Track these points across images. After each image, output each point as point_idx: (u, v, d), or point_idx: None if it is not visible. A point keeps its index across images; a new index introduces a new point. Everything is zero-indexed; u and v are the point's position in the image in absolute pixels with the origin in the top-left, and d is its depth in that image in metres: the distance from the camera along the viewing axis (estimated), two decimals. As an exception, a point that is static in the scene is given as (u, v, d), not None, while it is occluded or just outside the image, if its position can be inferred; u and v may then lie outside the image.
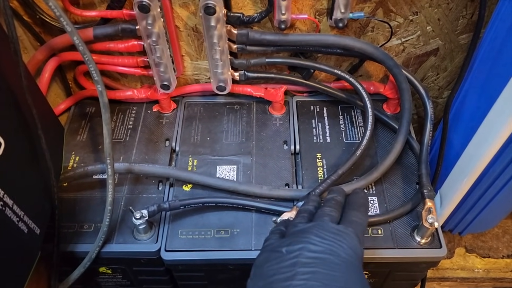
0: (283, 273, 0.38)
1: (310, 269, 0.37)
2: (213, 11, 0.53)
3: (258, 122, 0.68)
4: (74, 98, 0.69)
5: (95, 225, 0.56)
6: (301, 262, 0.38)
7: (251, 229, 0.56)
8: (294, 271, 0.38)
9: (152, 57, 0.59)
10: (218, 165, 0.62)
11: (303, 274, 0.37)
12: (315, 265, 0.38)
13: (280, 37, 0.58)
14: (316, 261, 0.38)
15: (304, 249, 0.39)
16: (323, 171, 0.61)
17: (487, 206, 0.63)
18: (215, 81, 0.63)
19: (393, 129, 0.65)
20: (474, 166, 0.49)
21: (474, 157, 0.49)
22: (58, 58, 0.61)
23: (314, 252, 0.39)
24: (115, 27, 0.57)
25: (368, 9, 0.58)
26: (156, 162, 0.63)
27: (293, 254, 0.39)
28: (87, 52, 0.45)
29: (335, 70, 0.62)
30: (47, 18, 0.58)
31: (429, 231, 0.53)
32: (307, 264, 0.38)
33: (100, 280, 0.62)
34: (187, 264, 0.56)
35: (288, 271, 0.38)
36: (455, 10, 0.59)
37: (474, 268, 0.76)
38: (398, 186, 0.60)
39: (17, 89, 0.44)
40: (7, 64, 0.43)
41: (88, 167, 0.58)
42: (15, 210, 0.42)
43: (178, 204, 0.55)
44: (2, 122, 0.40)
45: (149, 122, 0.68)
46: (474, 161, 0.49)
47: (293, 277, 0.37)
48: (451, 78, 0.69)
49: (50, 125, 0.54)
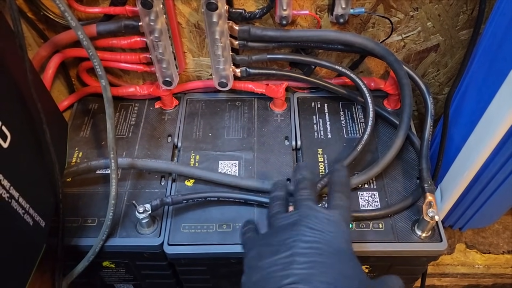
0: (280, 265, 0.39)
1: (307, 258, 0.38)
2: (215, 7, 0.53)
3: (259, 118, 0.68)
4: (77, 95, 0.70)
5: (99, 219, 0.57)
6: (297, 253, 0.39)
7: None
8: (292, 261, 0.38)
9: (154, 54, 0.60)
10: (220, 160, 0.63)
11: (301, 263, 0.38)
12: (311, 255, 0.39)
13: (282, 33, 0.59)
14: (311, 251, 0.39)
15: (298, 240, 0.40)
16: (324, 166, 0.62)
17: (487, 201, 0.63)
18: (217, 77, 0.63)
19: (394, 125, 0.65)
20: (474, 160, 0.49)
21: (474, 151, 0.49)
22: (62, 54, 0.62)
23: (308, 243, 0.40)
24: (118, 23, 0.58)
25: (369, 5, 0.59)
26: (158, 157, 0.63)
27: (287, 246, 0.40)
28: (91, 47, 0.46)
29: (336, 66, 0.62)
30: (51, 15, 0.58)
31: (430, 225, 0.53)
32: (304, 255, 0.39)
33: (103, 274, 0.62)
34: (190, 258, 0.56)
35: (285, 262, 0.39)
36: (455, 6, 0.59)
37: (474, 264, 0.77)
38: (399, 181, 0.60)
39: (23, 84, 0.44)
40: (13, 59, 0.43)
41: (92, 162, 0.58)
42: (20, 202, 0.42)
43: (180, 198, 0.56)
44: (8, 115, 0.41)
45: (151, 119, 0.68)
46: (474, 155, 0.49)
47: (291, 267, 0.38)
48: (451, 74, 0.70)
49: (54, 120, 0.55)
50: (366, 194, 0.59)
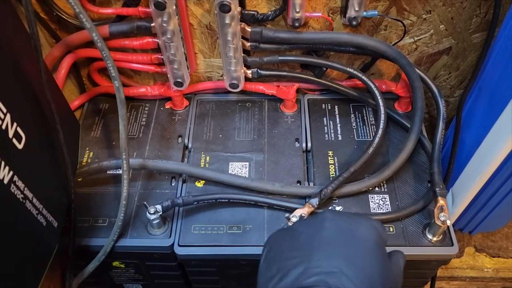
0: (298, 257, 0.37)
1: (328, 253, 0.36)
2: (228, 9, 0.53)
3: (270, 120, 0.68)
4: (88, 95, 0.70)
5: (109, 219, 0.57)
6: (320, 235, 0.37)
7: (263, 225, 0.56)
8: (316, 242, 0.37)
9: (166, 54, 0.60)
10: (231, 161, 0.63)
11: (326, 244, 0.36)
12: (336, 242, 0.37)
13: (294, 35, 0.59)
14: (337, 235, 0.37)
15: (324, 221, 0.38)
16: (335, 168, 0.62)
17: (498, 206, 0.63)
18: (228, 79, 0.63)
19: (404, 128, 0.65)
20: (487, 165, 0.49)
21: (487, 156, 0.49)
22: (74, 54, 0.62)
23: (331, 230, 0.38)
24: (131, 24, 0.58)
25: (382, 8, 0.59)
26: (169, 158, 0.63)
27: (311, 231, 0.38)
28: (106, 48, 0.46)
29: (348, 69, 0.62)
30: (64, 15, 0.59)
31: (441, 229, 0.53)
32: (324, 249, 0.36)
33: (113, 274, 0.62)
34: (200, 259, 0.56)
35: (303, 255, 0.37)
36: (468, 9, 0.59)
37: (483, 268, 0.76)
38: (410, 184, 0.60)
39: (37, 85, 0.45)
40: (27, 60, 0.44)
41: (103, 162, 0.59)
42: (34, 203, 0.43)
43: (191, 199, 0.56)
44: (23, 117, 0.41)
45: (162, 119, 0.69)
46: (487, 160, 0.49)
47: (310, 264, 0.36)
48: (463, 77, 0.70)
49: (67, 121, 0.55)
50: (376, 197, 0.59)
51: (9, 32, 0.42)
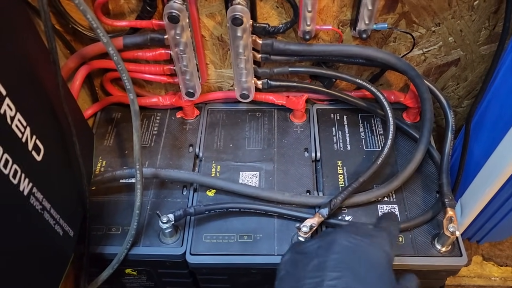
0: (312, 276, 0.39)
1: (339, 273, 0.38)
2: (240, 22, 0.54)
3: (279, 129, 0.69)
4: (100, 104, 0.71)
5: (123, 227, 0.58)
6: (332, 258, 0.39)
7: (273, 234, 0.57)
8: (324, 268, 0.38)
9: (178, 65, 0.61)
10: (241, 171, 0.64)
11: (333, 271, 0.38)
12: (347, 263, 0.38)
13: (304, 47, 0.60)
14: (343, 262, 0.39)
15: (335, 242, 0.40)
16: (344, 178, 0.63)
17: (507, 216, 0.63)
18: (239, 89, 0.64)
19: (413, 138, 0.66)
20: (497, 177, 0.50)
21: (497, 167, 0.50)
22: (89, 66, 0.63)
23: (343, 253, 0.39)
24: (144, 36, 0.59)
25: (391, 20, 0.59)
26: (180, 167, 0.64)
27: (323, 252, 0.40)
28: (121, 62, 0.47)
29: (357, 80, 0.63)
30: (79, 28, 0.60)
31: (450, 240, 0.54)
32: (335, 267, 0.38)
33: (125, 281, 0.63)
34: (211, 268, 0.57)
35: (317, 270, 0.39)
36: (477, 22, 0.59)
37: (491, 276, 0.77)
38: (418, 194, 0.61)
39: (55, 98, 0.46)
40: (46, 73, 0.45)
41: (116, 171, 0.60)
42: (52, 213, 0.44)
43: (203, 209, 0.57)
44: (42, 129, 0.42)
45: (173, 128, 0.70)
46: (497, 172, 0.50)
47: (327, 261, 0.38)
48: (471, 88, 0.70)
49: (82, 132, 0.56)
50: (385, 207, 0.59)
51: (28, 47, 0.43)
